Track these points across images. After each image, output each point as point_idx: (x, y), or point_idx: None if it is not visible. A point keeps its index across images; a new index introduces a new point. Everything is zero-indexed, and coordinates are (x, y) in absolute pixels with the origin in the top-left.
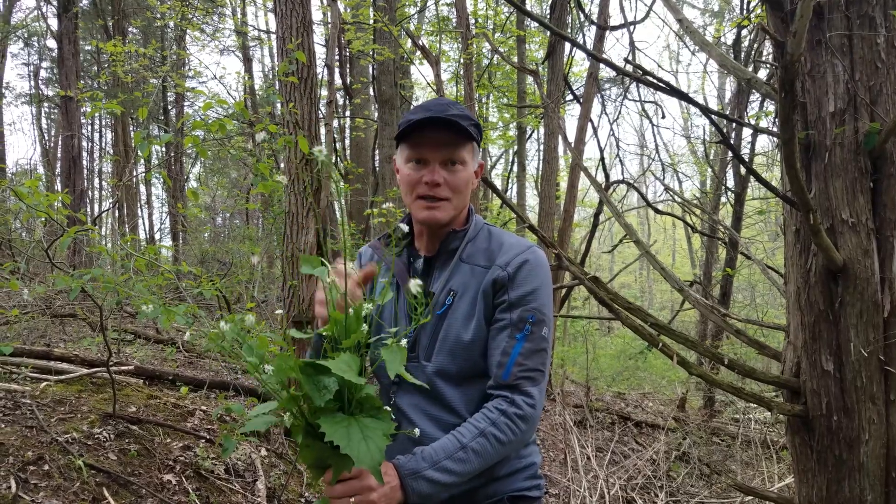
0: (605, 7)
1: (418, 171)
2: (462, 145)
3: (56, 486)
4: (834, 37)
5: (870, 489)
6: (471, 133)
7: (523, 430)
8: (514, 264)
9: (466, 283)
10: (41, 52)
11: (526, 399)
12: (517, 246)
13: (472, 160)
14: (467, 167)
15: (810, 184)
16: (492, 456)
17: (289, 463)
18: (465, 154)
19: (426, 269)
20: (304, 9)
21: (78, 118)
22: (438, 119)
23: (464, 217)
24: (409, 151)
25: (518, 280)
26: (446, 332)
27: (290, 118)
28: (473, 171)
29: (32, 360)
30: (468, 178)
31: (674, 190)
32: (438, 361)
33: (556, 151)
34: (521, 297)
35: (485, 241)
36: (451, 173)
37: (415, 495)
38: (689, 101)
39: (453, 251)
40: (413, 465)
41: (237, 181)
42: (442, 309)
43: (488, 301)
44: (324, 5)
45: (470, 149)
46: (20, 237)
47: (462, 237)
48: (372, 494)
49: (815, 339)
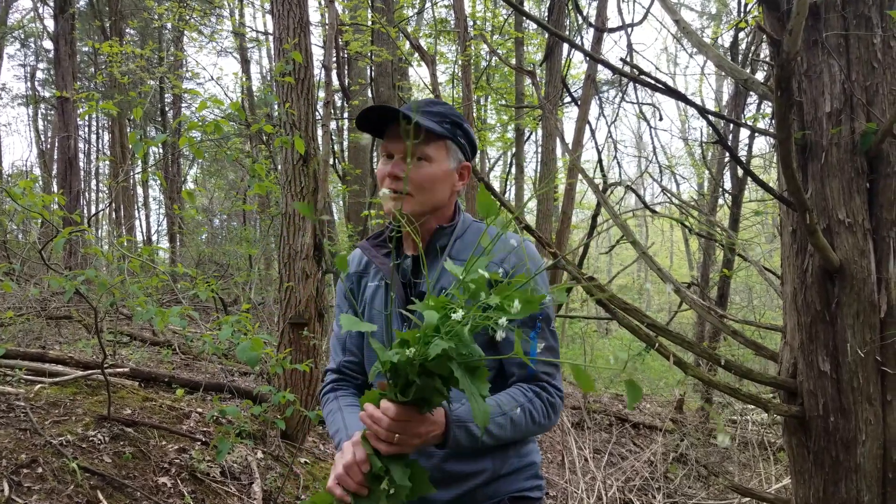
0: (603, 9)
1: (385, 166)
2: (427, 141)
3: (50, 489)
4: (830, 37)
5: (866, 490)
6: (438, 130)
7: (552, 418)
8: (509, 260)
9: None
10: (38, 54)
11: (555, 391)
12: (509, 240)
13: (443, 158)
14: (435, 164)
15: (807, 184)
16: (523, 431)
17: (285, 465)
18: (430, 150)
19: (414, 268)
20: (302, 9)
21: (74, 119)
22: (387, 110)
23: (449, 214)
24: (381, 146)
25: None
26: None
27: (287, 119)
28: (450, 169)
29: (27, 363)
30: (435, 175)
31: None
32: None
33: (554, 153)
34: None
35: (474, 236)
36: (414, 168)
37: (452, 441)
38: (686, 102)
39: (441, 249)
40: (461, 413)
41: (234, 183)
42: None
43: None
44: (321, 6)
45: (440, 146)
46: (16, 239)
47: (450, 234)
48: (420, 427)
49: (811, 339)
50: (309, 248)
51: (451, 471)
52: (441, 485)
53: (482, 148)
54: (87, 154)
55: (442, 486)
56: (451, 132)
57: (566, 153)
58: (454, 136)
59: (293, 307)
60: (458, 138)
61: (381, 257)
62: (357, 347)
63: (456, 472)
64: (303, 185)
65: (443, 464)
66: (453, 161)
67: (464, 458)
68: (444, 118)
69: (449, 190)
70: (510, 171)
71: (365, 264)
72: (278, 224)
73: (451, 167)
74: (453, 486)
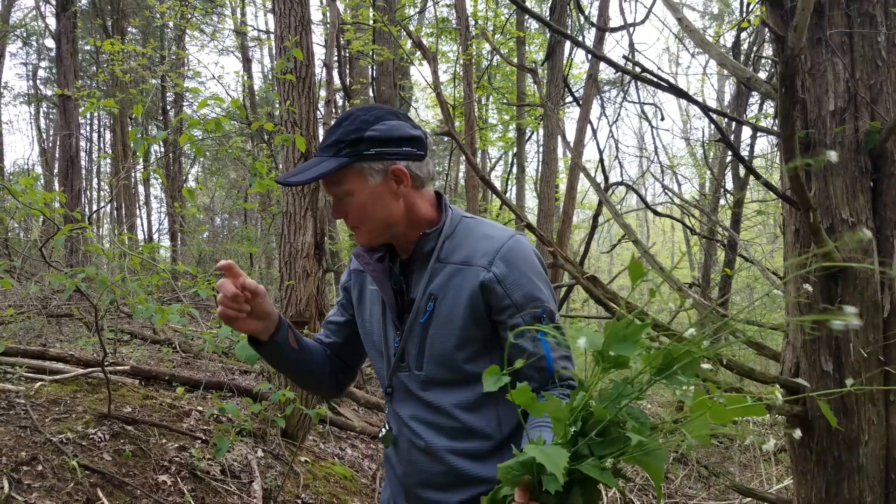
0: (605, 9)
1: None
2: (337, 178)
3: (50, 487)
4: (834, 35)
5: (869, 490)
6: (336, 165)
7: None
8: (498, 263)
9: (446, 285)
10: (39, 52)
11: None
12: (498, 239)
13: (361, 181)
14: (357, 193)
15: (810, 183)
16: None
17: (285, 464)
18: (345, 185)
19: (404, 273)
20: (303, 7)
21: (76, 118)
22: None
23: (429, 218)
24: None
25: (512, 279)
26: (432, 342)
27: (288, 117)
28: (375, 186)
29: (27, 360)
30: (363, 203)
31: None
32: (429, 371)
33: (556, 153)
34: (525, 297)
35: (463, 234)
36: (346, 205)
37: None
38: (688, 99)
39: (429, 252)
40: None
41: (236, 182)
42: (424, 317)
43: (477, 305)
44: (323, 5)
45: (352, 172)
46: (17, 237)
47: (437, 237)
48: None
49: (814, 339)
50: (310, 247)
51: (463, 474)
52: (450, 488)
53: (483, 147)
54: (89, 152)
55: (451, 489)
56: (352, 154)
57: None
58: (359, 154)
59: (294, 306)
60: (364, 154)
61: (374, 263)
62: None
63: (466, 476)
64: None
65: (454, 467)
66: (375, 177)
67: (475, 461)
68: (340, 144)
69: (391, 203)
70: (511, 171)
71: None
72: (279, 223)
73: (375, 183)
74: (463, 489)
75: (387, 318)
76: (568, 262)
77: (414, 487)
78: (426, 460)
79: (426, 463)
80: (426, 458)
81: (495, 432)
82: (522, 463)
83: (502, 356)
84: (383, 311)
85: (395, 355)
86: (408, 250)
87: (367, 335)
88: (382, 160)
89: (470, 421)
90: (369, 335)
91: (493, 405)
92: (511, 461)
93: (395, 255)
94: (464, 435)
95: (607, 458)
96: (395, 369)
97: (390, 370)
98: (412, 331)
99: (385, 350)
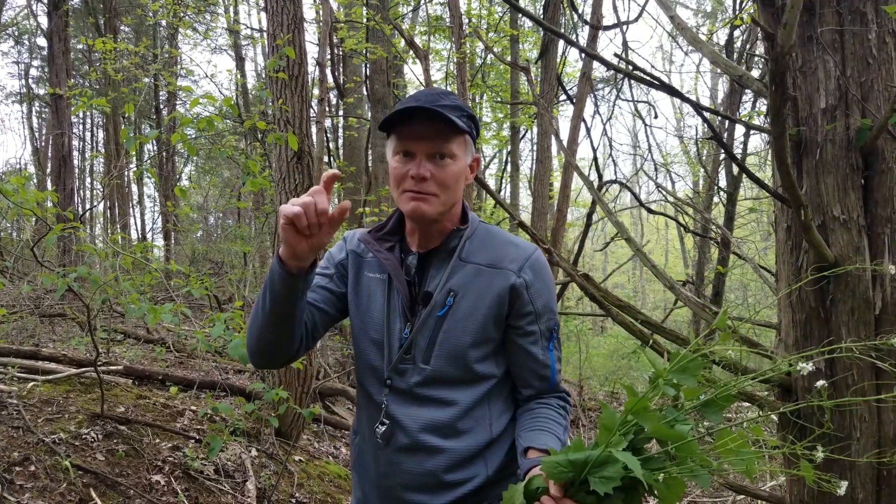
0: (598, 7)
1: (405, 165)
2: (451, 138)
3: (42, 487)
4: (825, 32)
5: (861, 487)
6: (461, 126)
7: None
8: (528, 270)
9: (468, 284)
10: (32, 51)
11: (566, 394)
12: (525, 248)
13: (463, 154)
14: (457, 161)
15: (801, 180)
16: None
17: (279, 463)
18: (454, 147)
19: (420, 266)
20: (295, 6)
21: (68, 116)
22: (425, 109)
23: (458, 214)
24: (395, 143)
25: (536, 288)
26: (446, 336)
27: (281, 116)
28: (467, 164)
29: (19, 360)
30: (458, 173)
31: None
32: (436, 365)
33: (550, 151)
34: (544, 307)
35: (483, 239)
36: (439, 167)
37: None
38: (680, 97)
39: (452, 249)
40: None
41: (229, 181)
42: (442, 310)
43: (502, 307)
44: (316, 3)
45: (461, 142)
46: (9, 236)
47: (461, 235)
48: None
49: (806, 336)
50: None
51: (446, 479)
52: (434, 491)
53: (478, 146)
54: (82, 151)
55: (435, 492)
56: (468, 126)
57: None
58: (470, 129)
59: None
60: (474, 131)
61: (385, 252)
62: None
63: (450, 481)
64: (297, 182)
65: (439, 473)
66: (467, 157)
67: (459, 467)
68: (461, 112)
69: (462, 186)
70: (506, 169)
71: (363, 251)
72: (273, 221)
73: (464, 163)
74: (445, 492)
75: (392, 308)
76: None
77: (394, 489)
78: (412, 460)
79: (411, 463)
80: (413, 457)
81: (486, 433)
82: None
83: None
84: (387, 301)
85: (400, 347)
86: (430, 242)
87: (361, 323)
88: (475, 145)
89: (464, 422)
90: (364, 324)
91: (487, 406)
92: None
93: (405, 248)
94: (456, 434)
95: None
96: (399, 361)
97: (391, 362)
98: (425, 323)
99: (387, 341)
